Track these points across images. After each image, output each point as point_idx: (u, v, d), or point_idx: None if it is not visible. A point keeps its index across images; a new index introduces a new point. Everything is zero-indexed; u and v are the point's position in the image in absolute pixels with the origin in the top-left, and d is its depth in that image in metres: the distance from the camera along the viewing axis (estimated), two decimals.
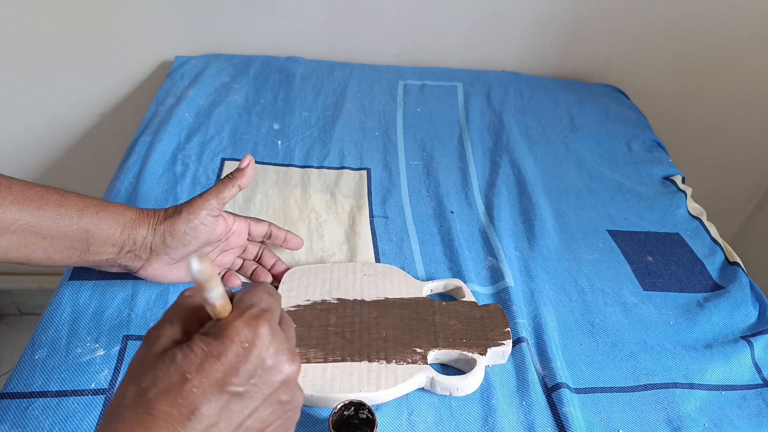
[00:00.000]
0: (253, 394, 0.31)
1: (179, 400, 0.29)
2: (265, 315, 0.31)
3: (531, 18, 1.03)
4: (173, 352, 0.30)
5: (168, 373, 0.29)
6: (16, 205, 0.47)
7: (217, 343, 0.30)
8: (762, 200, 1.30)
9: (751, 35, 1.05)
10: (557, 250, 0.71)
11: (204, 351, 0.30)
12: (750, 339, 0.61)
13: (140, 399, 0.29)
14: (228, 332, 0.30)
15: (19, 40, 1.01)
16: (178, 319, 0.32)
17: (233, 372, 0.30)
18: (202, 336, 0.31)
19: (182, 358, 0.30)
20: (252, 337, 0.30)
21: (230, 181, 0.54)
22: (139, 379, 0.30)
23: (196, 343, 0.30)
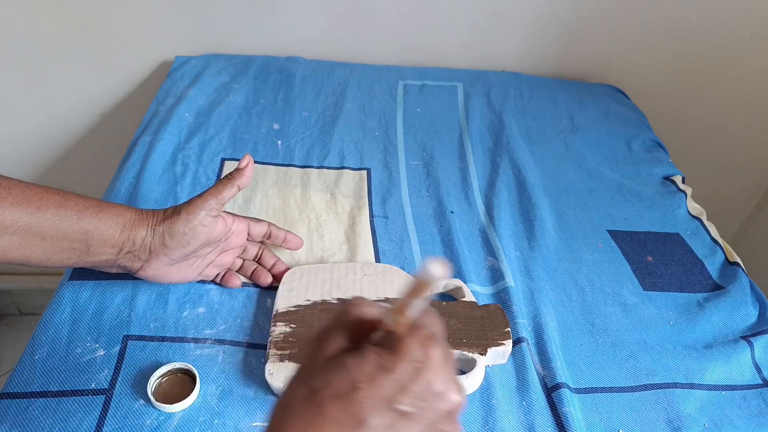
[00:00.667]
0: (418, 417, 0.30)
1: (349, 408, 0.29)
2: (436, 338, 0.31)
3: (531, 18, 1.03)
4: (344, 358, 0.30)
5: (339, 379, 0.29)
6: (15, 206, 0.47)
7: (390, 358, 0.30)
8: (762, 200, 1.30)
9: (751, 35, 1.05)
10: (557, 250, 0.71)
11: (375, 362, 0.30)
12: (750, 339, 0.61)
13: (312, 399, 0.29)
14: (401, 348, 0.30)
15: (19, 40, 1.01)
16: (346, 326, 0.32)
17: (402, 390, 0.29)
18: (373, 347, 0.30)
19: (354, 366, 0.30)
20: (424, 359, 0.30)
21: (229, 182, 0.54)
22: (310, 379, 0.30)
23: (368, 353, 0.30)
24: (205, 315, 0.58)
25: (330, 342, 0.32)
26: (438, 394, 0.30)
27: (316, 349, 0.32)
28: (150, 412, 0.49)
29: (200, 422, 0.49)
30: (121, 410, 0.49)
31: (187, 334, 0.56)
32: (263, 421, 0.50)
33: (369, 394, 0.29)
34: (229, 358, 0.54)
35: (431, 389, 0.30)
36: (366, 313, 0.32)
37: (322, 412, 0.29)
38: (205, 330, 0.57)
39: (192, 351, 0.55)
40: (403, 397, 0.29)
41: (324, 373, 0.30)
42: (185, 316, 0.58)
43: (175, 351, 0.54)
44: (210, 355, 0.54)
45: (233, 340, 0.56)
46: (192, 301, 0.59)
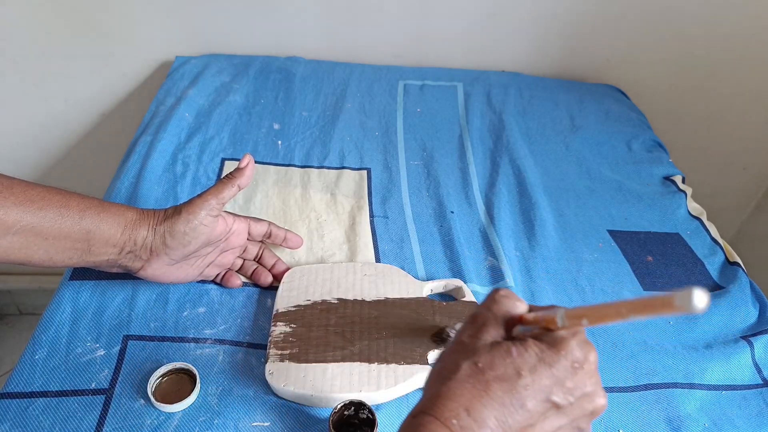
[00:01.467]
0: (567, 411, 0.33)
1: (513, 392, 0.32)
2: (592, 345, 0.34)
3: (531, 18, 1.03)
4: (508, 345, 0.33)
5: (504, 364, 0.33)
6: (18, 206, 0.47)
7: (552, 353, 0.33)
8: (762, 200, 1.30)
9: (751, 35, 1.05)
10: (557, 250, 0.71)
11: (537, 356, 0.33)
12: (750, 339, 0.61)
13: (477, 376, 0.32)
14: (563, 346, 0.33)
15: (19, 40, 1.00)
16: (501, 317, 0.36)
17: (559, 384, 0.33)
18: (534, 341, 0.34)
19: (517, 354, 0.33)
20: (582, 360, 0.33)
21: (229, 181, 0.54)
22: (473, 355, 0.33)
23: (530, 345, 0.33)
24: (206, 315, 0.58)
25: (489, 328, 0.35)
26: (588, 394, 0.33)
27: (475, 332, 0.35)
28: (150, 412, 0.49)
29: (200, 422, 0.49)
30: (121, 410, 0.49)
31: (187, 334, 0.56)
32: (263, 421, 0.50)
33: (530, 381, 0.32)
34: (229, 358, 0.54)
35: (583, 389, 0.33)
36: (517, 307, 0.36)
37: (487, 390, 0.32)
38: (205, 330, 0.57)
39: (192, 351, 0.55)
40: (559, 391, 0.33)
41: (488, 355, 0.33)
42: (185, 316, 0.58)
43: (175, 351, 0.54)
44: (210, 355, 0.54)
45: (233, 340, 0.56)
46: (192, 301, 0.59)
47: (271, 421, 0.50)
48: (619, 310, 0.31)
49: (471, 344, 0.35)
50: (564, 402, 0.33)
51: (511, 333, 0.36)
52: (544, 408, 0.33)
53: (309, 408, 0.51)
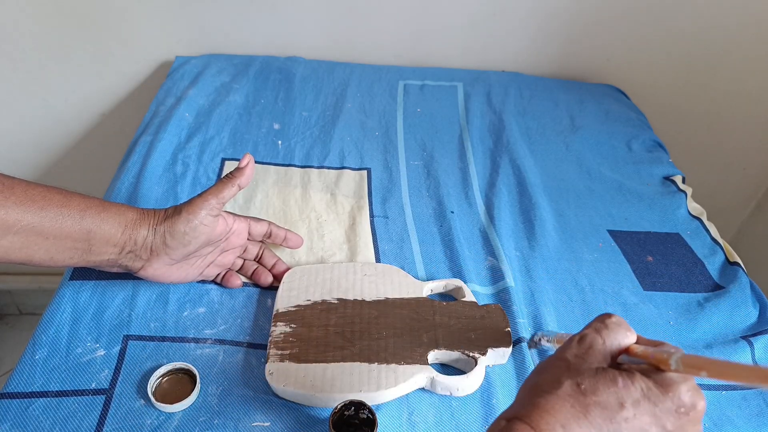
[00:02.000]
0: None
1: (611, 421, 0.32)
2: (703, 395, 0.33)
3: (531, 18, 1.03)
4: (614, 374, 0.33)
5: (608, 392, 0.32)
6: (19, 206, 0.47)
7: (658, 392, 0.32)
8: (762, 200, 1.30)
9: (751, 35, 1.05)
10: (557, 250, 0.71)
11: (643, 392, 0.32)
12: (750, 339, 0.61)
13: (578, 397, 0.32)
14: (672, 389, 0.33)
15: (19, 40, 1.01)
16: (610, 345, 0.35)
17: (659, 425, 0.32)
18: (642, 376, 0.33)
19: (623, 386, 0.33)
20: (689, 408, 0.33)
21: (229, 181, 0.54)
22: (576, 375, 0.33)
23: (637, 379, 0.33)
24: (206, 315, 0.58)
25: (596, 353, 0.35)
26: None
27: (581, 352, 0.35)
28: (150, 412, 0.49)
29: (200, 422, 0.49)
30: (122, 410, 0.49)
31: (187, 334, 0.56)
32: (263, 421, 0.50)
33: (631, 415, 0.32)
34: (229, 358, 0.54)
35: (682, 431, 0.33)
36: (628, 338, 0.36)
37: (586, 413, 0.32)
38: (205, 330, 0.57)
39: (192, 351, 0.55)
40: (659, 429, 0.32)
41: (593, 378, 0.33)
42: (185, 316, 0.58)
43: (176, 351, 0.54)
44: (210, 355, 0.54)
45: (233, 340, 0.56)
46: (192, 301, 0.59)
47: (271, 421, 0.50)
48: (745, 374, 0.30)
49: (575, 364, 0.34)
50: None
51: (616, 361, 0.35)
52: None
53: (309, 408, 0.51)
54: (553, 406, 0.32)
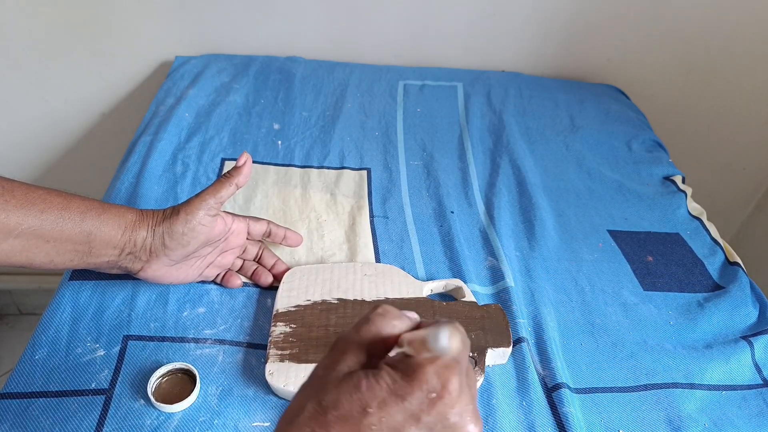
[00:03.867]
0: None
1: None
2: (456, 367, 0.29)
3: (531, 18, 1.03)
4: (358, 377, 0.29)
5: (350, 400, 0.28)
6: (19, 209, 0.46)
7: (404, 384, 0.28)
8: (762, 200, 1.30)
9: (751, 35, 1.05)
10: (557, 250, 0.71)
11: (389, 387, 0.28)
12: (750, 339, 0.61)
13: (318, 417, 0.28)
14: (417, 376, 0.28)
15: (19, 40, 1.01)
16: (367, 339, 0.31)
17: (414, 420, 0.28)
18: (389, 369, 0.29)
19: (366, 387, 0.28)
20: (440, 390, 0.28)
21: (227, 180, 0.54)
22: (320, 394, 0.29)
23: (382, 375, 0.29)
24: (206, 315, 0.58)
25: (347, 355, 0.30)
26: (452, 426, 0.29)
27: (331, 361, 0.31)
28: (150, 412, 0.49)
29: (200, 422, 0.49)
30: (121, 410, 0.49)
31: (187, 334, 0.56)
32: (263, 421, 0.50)
33: (377, 419, 0.28)
34: (229, 358, 0.54)
35: (444, 421, 0.29)
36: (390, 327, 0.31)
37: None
38: (205, 330, 0.57)
39: (192, 351, 0.55)
40: (413, 427, 0.28)
41: (335, 391, 0.29)
42: (185, 316, 0.58)
43: (176, 351, 0.54)
44: (210, 355, 0.54)
45: (233, 340, 0.56)
46: (192, 301, 0.59)
47: (271, 421, 0.50)
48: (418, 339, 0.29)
49: (323, 377, 0.30)
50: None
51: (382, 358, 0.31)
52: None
53: None
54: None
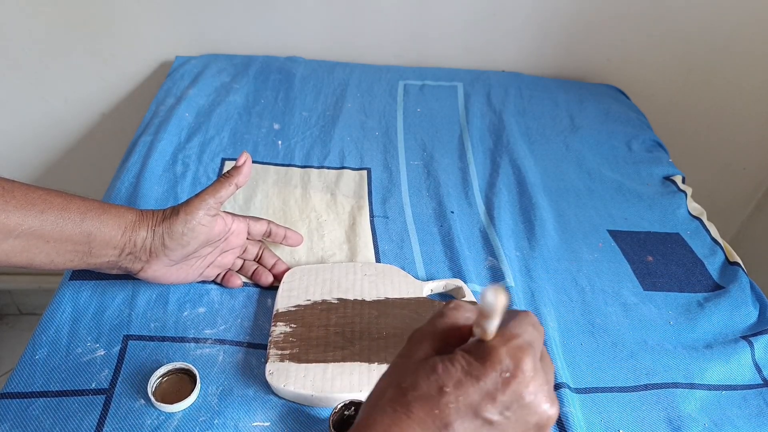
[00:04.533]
0: (505, 427, 0.30)
1: (435, 411, 0.29)
2: (529, 349, 0.30)
3: (531, 18, 1.03)
4: (434, 361, 0.30)
5: (428, 381, 0.30)
6: (19, 210, 0.47)
7: (478, 366, 0.30)
8: (762, 200, 1.30)
9: (751, 35, 1.05)
10: (557, 250, 0.71)
11: (464, 369, 0.30)
12: (750, 339, 0.61)
13: (399, 398, 0.30)
14: (491, 357, 0.30)
15: (19, 40, 1.01)
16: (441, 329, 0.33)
17: (489, 399, 0.29)
18: (464, 353, 0.30)
19: (442, 370, 0.30)
20: (514, 369, 0.29)
21: (227, 180, 0.54)
22: (400, 378, 0.31)
23: (457, 358, 0.30)
24: (206, 315, 0.58)
25: (423, 344, 0.32)
26: (527, 405, 0.30)
27: (408, 350, 0.32)
28: (150, 412, 0.49)
29: (200, 422, 0.49)
30: (122, 410, 0.49)
31: (187, 334, 0.56)
32: (263, 421, 0.50)
33: (454, 398, 0.29)
34: (229, 358, 0.54)
35: (520, 400, 0.30)
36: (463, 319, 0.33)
37: (408, 412, 0.29)
38: (205, 330, 0.57)
39: (192, 351, 0.55)
40: (490, 406, 0.29)
41: (413, 374, 0.30)
42: (185, 316, 0.58)
43: (176, 351, 0.54)
44: (210, 355, 0.54)
45: (233, 340, 0.56)
46: (192, 301, 0.59)
47: (271, 421, 0.50)
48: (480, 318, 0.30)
49: (401, 365, 0.32)
50: (498, 418, 0.29)
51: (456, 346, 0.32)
52: (475, 426, 0.29)
53: (309, 408, 0.51)
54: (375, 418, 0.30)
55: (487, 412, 0.29)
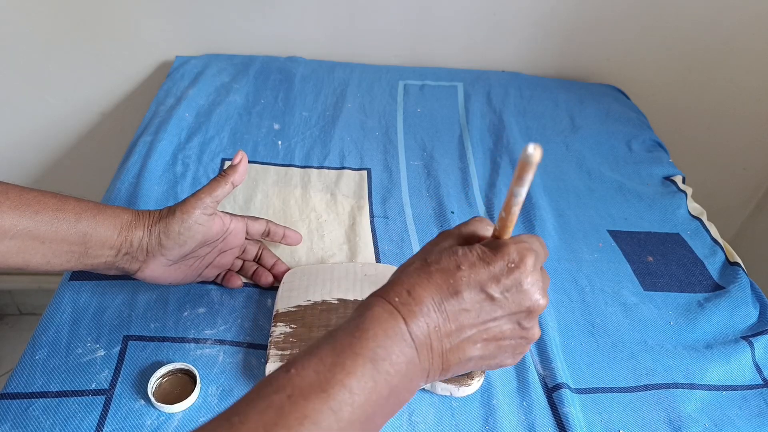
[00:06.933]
0: (503, 303, 0.37)
1: (450, 281, 0.37)
2: (533, 252, 0.38)
3: (531, 18, 1.03)
4: (456, 248, 0.38)
5: (448, 259, 0.37)
6: (13, 210, 0.46)
7: (491, 254, 0.37)
8: (762, 200, 1.30)
9: (751, 35, 1.05)
10: (557, 250, 0.71)
11: (479, 255, 0.37)
12: (750, 339, 0.61)
13: (424, 267, 0.38)
14: (502, 250, 0.37)
15: (19, 40, 1.01)
16: (466, 234, 0.41)
17: (494, 279, 0.37)
18: (482, 246, 0.38)
19: (462, 253, 0.38)
20: (518, 262, 0.37)
21: (223, 179, 0.54)
22: (426, 255, 0.39)
23: (475, 248, 0.38)
24: (206, 315, 0.58)
25: (449, 239, 0.40)
26: (524, 291, 0.37)
27: (436, 240, 0.41)
28: (150, 413, 0.49)
29: (201, 422, 0.49)
30: (122, 411, 0.49)
31: (187, 335, 0.56)
32: None
33: (467, 274, 0.37)
34: (229, 359, 0.54)
35: (519, 286, 0.37)
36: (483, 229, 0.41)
37: (429, 277, 0.37)
38: (205, 330, 0.57)
39: (192, 351, 0.55)
40: (494, 285, 0.37)
41: (438, 253, 0.38)
42: (185, 316, 0.58)
43: (176, 351, 0.54)
44: (210, 355, 0.54)
45: (233, 341, 0.56)
46: (192, 301, 0.59)
47: None
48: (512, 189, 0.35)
49: (428, 248, 0.40)
50: (498, 295, 0.37)
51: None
52: (479, 298, 0.37)
53: None
54: (402, 279, 0.37)
55: (491, 290, 0.37)
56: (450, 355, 0.37)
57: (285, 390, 0.32)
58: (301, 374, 0.33)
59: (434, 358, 0.37)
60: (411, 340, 0.35)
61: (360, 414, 0.33)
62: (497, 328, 0.38)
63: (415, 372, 0.36)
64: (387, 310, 0.36)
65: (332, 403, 0.32)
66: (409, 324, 0.35)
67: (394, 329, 0.35)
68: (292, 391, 0.32)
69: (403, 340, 0.35)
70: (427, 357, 0.36)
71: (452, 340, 0.37)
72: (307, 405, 0.31)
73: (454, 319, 0.36)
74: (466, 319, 0.37)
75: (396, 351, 0.35)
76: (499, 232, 0.39)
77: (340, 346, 0.34)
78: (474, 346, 0.38)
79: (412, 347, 0.35)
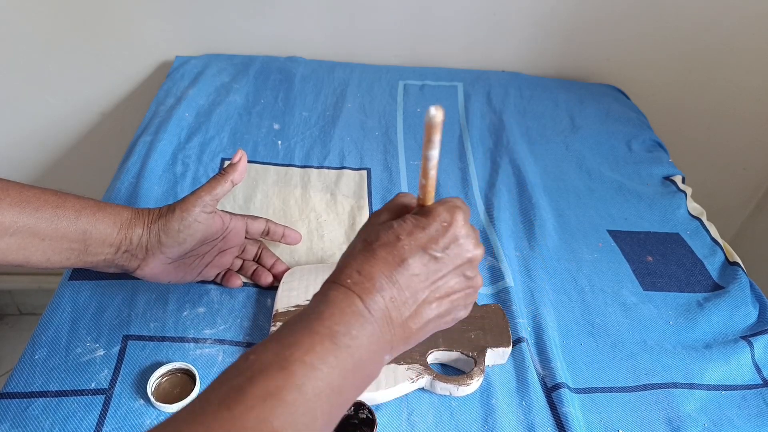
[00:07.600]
0: (446, 260, 0.40)
1: (394, 252, 0.38)
2: (460, 209, 0.41)
3: (531, 18, 1.03)
4: (391, 222, 0.40)
5: (387, 234, 0.39)
6: (14, 207, 0.47)
7: (424, 220, 0.40)
8: (762, 200, 1.30)
9: (751, 35, 1.05)
10: (557, 250, 0.71)
11: (414, 222, 0.40)
12: (750, 339, 0.61)
13: (367, 247, 0.39)
14: (432, 213, 0.40)
15: (19, 40, 1.01)
16: (394, 208, 0.43)
17: (433, 240, 0.39)
18: (413, 215, 0.41)
19: (397, 225, 0.40)
20: (450, 219, 0.40)
21: (222, 177, 0.54)
22: (365, 236, 0.40)
23: (407, 218, 0.40)
24: (205, 315, 0.58)
25: (382, 215, 0.42)
26: (461, 245, 0.40)
27: (370, 220, 0.42)
28: (150, 412, 0.49)
29: None
30: (121, 410, 0.49)
31: (187, 334, 0.56)
32: None
33: (407, 242, 0.39)
34: (229, 358, 0.54)
35: (456, 241, 0.40)
36: (408, 200, 0.43)
37: (374, 254, 0.39)
38: (205, 330, 0.57)
39: (192, 351, 0.55)
40: (434, 245, 0.39)
41: (375, 231, 0.40)
42: (185, 315, 0.58)
43: (175, 351, 0.54)
44: (210, 355, 0.54)
45: (233, 340, 0.56)
46: (192, 300, 0.59)
47: None
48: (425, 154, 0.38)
49: (366, 228, 0.42)
50: (440, 254, 0.39)
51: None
52: (424, 260, 0.39)
53: None
54: (349, 262, 0.39)
55: (432, 251, 0.39)
56: (410, 322, 0.39)
57: (245, 373, 0.32)
58: (261, 358, 0.33)
59: (395, 328, 0.38)
60: (370, 315, 0.37)
61: (325, 387, 0.33)
62: (446, 285, 0.40)
63: (378, 345, 0.37)
64: (341, 293, 0.37)
65: (294, 379, 0.32)
66: (366, 300, 0.37)
67: (350, 307, 0.36)
68: (252, 374, 0.32)
69: (361, 316, 0.36)
70: (388, 329, 0.38)
71: (409, 307, 0.39)
72: (268, 383, 0.32)
73: (407, 286, 0.38)
74: (417, 284, 0.39)
75: (356, 326, 0.36)
76: (423, 200, 0.41)
77: (299, 328, 0.35)
78: (429, 307, 0.40)
79: (372, 322, 0.37)
